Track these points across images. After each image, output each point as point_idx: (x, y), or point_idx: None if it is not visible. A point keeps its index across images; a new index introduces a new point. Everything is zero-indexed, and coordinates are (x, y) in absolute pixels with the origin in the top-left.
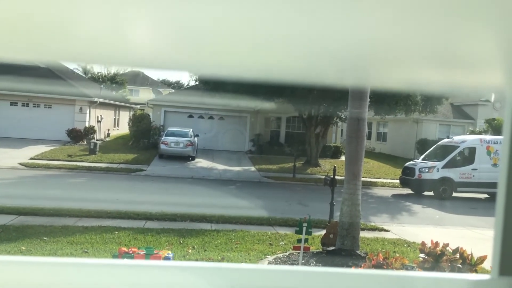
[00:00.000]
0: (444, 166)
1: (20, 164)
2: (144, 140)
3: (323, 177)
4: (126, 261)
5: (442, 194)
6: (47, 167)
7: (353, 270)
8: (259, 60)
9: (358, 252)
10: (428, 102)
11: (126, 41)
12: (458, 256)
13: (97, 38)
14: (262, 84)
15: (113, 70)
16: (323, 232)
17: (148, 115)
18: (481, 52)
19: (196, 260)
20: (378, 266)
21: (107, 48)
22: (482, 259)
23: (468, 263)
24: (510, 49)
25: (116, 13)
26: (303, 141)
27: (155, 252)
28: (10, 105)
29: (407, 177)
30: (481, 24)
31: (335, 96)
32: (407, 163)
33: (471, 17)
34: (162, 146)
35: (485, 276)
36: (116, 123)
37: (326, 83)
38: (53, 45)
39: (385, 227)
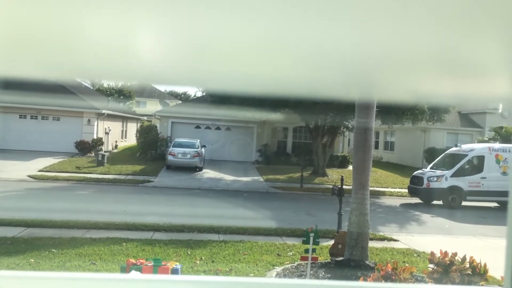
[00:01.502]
0: (453, 175)
1: (28, 176)
2: (151, 151)
3: (331, 187)
4: (133, 275)
5: (451, 203)
6: (56, 179)
7: (361, 283)
8: (265, 73)
9: (367, 262)
10: (435, 110)
11: (132, 56)
12: (467, 265)
13: (104, 53)
14: (269, 95)
15: (120, 82)
16: (332, 242)
17: (156, 127)
18: (489, 60)
19: (204, 271)
20: (387, 276)
21: (114, 64)
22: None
23: (478, 273)
24: None
25: (123, 28)
26: (310, 151)
27: (163, 263)
28: (19, 117)
29: (416, 186)
30: (489, 32)
31: (342, 106)
32: (415, 172)
33: (478, 25)
34: (170, 157)
35: None
36: (123, 134)
37: (333, 95)
38: (60, 62)
39: (394, 237)
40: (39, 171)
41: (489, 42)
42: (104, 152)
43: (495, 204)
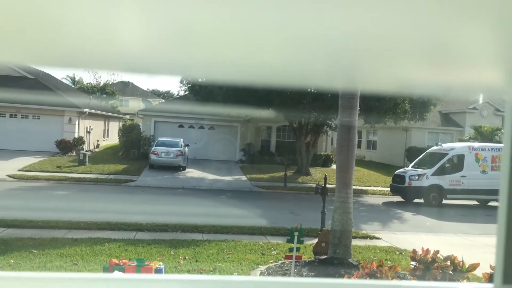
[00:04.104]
0: (434, 174)
1: (8, 176)
2: (134, 150)
3: (314, 185)
4: (117, 275)
5: (432, 201)
6: (36, 178)
7: (346, 280)
8: (250, 62)
9: (350, 260)
10: (417, 109)
11: (117, 44)
12: (449, 263)
13: (88, 40)
14: (253, 92)
15: (102, 80)
16: (315, 240)
17: (138, 125)
18: (478, 49)
19: (188, 270)
20: (371, 274)
21: (99, 51)
22: (474, 267)
23: (459, 270)
24: (510, 47)
25: (107, 15)
26: (293, 150)
27: (146, 263)
28: None
29: (398, 185)
30: (479, 20)
31: (325, 105)
32: (397, 171)
33: (467, 13)
34: (153, 156)
35: (489, 285)
36: (105, 133)
37: (318, 84)
38: (42, 48)
39: (377, 235)
40: (19, 170)
41: (478, 30)
42: (86, 151)
43: (475, 202)
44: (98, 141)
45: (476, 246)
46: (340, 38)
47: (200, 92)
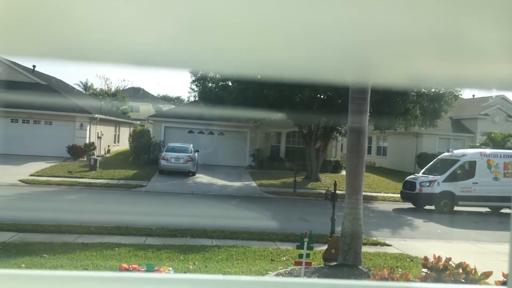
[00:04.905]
0: (445, 180)
1: (20, 180)
2: (144, 156)
3: (324, 191)
4: (127, 274)
5: (443, 208)
6: (47, 183)
7: (357, 282)
8: (260, 56)
9: (361, 267)
10: (428, 115)
11: (127, 36)
12: (461, 270)
13: (94, 33)
14: (262, 97)
15: (113, 86)
16: (325, 247)
17: (148, 131)
18: (491, 41)
19: None
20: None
21: (106, 44)
22: (487, 275)
23: (472, 278)
24: None
25: (116, 6)
26: (303, 156)
27: (155, 268)
28: (11, 122)
29: (408, 191)
30: (491, 10)
31: (335, 110)
32: (407, 177)
33: (480, 3)
34: (163, 162)
35: None
36: (116, 139)
37: (329, 77)
38: (48, 40)
39: (387, 242)
40: (31, 175)
41: (491, 21)
42: (97, 156)
43: (487, 209)
44: (109, 146)
45: (488, 253)
46: (349, 30)
47: (210, 97)
